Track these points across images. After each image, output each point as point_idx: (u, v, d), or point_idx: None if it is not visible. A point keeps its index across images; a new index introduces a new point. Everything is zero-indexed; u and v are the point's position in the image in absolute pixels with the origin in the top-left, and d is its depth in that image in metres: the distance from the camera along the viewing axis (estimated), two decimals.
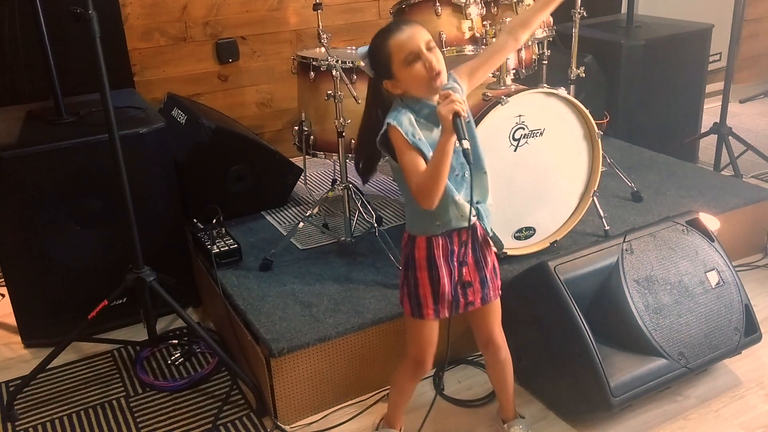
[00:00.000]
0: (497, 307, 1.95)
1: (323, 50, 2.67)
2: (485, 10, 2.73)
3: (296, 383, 2.23)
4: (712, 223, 2.51)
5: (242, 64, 3.83)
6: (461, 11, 2.66)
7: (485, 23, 2.67)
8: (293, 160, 3.26)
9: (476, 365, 2.45)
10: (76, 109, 2.74)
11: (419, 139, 1.68)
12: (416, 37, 1.68)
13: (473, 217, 1.79)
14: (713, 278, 2.31)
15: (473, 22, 2.68)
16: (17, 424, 2.30)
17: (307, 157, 2.85)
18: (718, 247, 2.37)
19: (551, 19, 2.88)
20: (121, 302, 2.50)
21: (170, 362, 2.57)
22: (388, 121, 1.71)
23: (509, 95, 2.40)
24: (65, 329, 2.47)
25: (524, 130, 2.47)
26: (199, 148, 2.97)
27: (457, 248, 1.82)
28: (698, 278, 2.29)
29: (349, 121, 2.57)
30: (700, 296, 2.26)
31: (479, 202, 1.82)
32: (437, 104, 1.65)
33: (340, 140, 2.61)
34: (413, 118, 1.71)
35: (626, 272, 2.22)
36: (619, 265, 2.23)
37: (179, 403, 2.37)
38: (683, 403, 2.27)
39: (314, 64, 2.67)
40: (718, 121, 3.68)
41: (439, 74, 1.68)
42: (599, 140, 2.60)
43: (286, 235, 2.83)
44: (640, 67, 3.67)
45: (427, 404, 2.29)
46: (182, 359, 2.58)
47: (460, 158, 1.74)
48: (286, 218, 3.15)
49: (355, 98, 2.54)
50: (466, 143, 1.57)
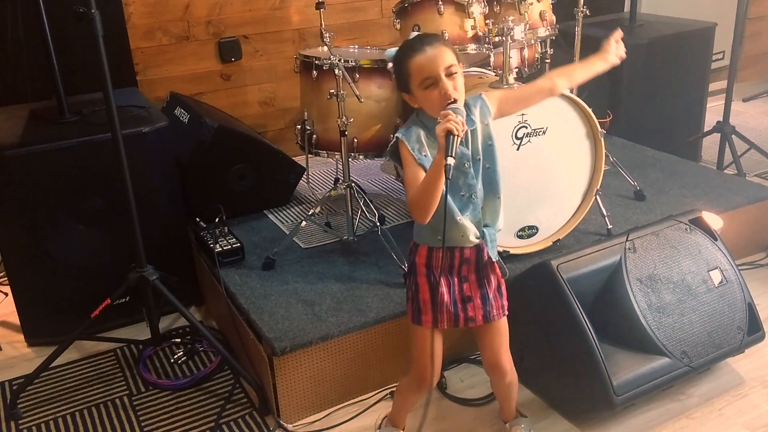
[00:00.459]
0: (503, 328, 1.92)
1: (326, 49, 2.67)
2: (488, 8, 2.73)
3: (299, 382, 2.24)
4: (715, 221, 2.51)
5: (245, 63, 3.83)
6: (464, 10, 2.66)
7: (488, 22, 2.67)
8: (296, 159, 3.26)
9: (478, 364, 2.45)
10: (78, 108, 2.74)
11: (424, 155, 1.71)
12: (437, 61, 1.67)
13: (478, 239, 1.80)
14: (716, 277, 2.30)
15: (476, 20, 2.68)
16: (20, 422, 2.31)
17: (309, 156, 2.85)
18: (721, 245, 2.37)
19: (554, 17, 2.89)
20: (124, 301, 2.51)
21: (173, 361, 2.57)
22: (397, 135, 1.75)
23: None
24: (68, 328, 2.47)
25: (527, 128, 2.47)
26: (201, 147, 2.97)
27: (458, 263, 1.82)
28: (701, 277, 2.29)
29: (351, 120, 2.57)
30: (703, 295, 2.26)
31: (487, 225, 1.83)
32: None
33: (342, 139, 2.61)
34: (423, 134, 1.73)
35: (629, 271, 2.22)
36: (621, 263, 2.23)
37: (182, 401, 2.37)
38: (686, 401, 2.26)
39: (317, 63, 2.66)
40: (721, 119, 3.68)
41: (454, 102, 1.67)
42: (602, 139, 2.60)
43: (288, 233, 2.83)
44: (643, 65, 3.66)
45: (430, 403, 2.29)
46: (185, 358, 2.58)
47: (468, 179, 1.76)
48: (288, 217, 3.16)
49: (357, 97, 2.54)
50: (450, 160, 1.57)
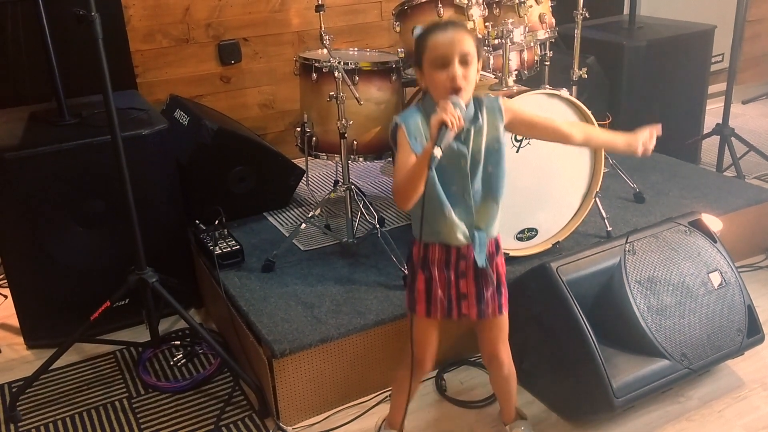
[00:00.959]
0: (502, 323, 1.93)
1: (325, 52, 2.67)
2: (487, 11, 2.73)
3: (298, 384, 2.24)
4: (714, 224, 2.51)
5: (244, 65, 3.83)
6: (463, 12, 2.66)
7: (487, 24, 2.68)
8: (295, 161, 3.26)
9: (478, 366, 2.45)
10: (78, 110, 2.75)
11: (420, 143, 1.70)
12: (455, 45, 1.66)
13: (466, 239, 1.79)
14: (716, 279, 2.30)
15: (475, 23, 2.68)
16: (20, 425, 2.30)
17: (309, 158, 2.85)
18: (720, 248, 2.37)
19: (553, 20, 2.89)
20: (123, 303, 2.50)
21: (173, 363, 2.57)
22: (396, 119, 1.74)
23: (511, 96, 2.40)
24: (68, 330, 2.47)
25: None
26: (201, 149, 2.98)
27: (454, 259, 1.81)
28: (701, 279, 2.29)
29: (351, 122, 2.57)
30: (702, 297, 2.26)
31: (480, 228, 1.80)
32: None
33: (342, 141, 2.61)
34: (422, 121, 1.72)
35: (629, 273, 2.22)
36: (621, 266, 2.23)
37: (182, 404, 2.37)
38: (686, 404, 2.26)
39: (316, 65, 2.67)
40: (720, 122, 3.68)
41: (458, 90, 1.66)
42: None
43: (288, 236, 2.83)
44: (642, 68, 3.67)
45: (429, 405, 2.30)
46: (185, 360, 2.58)
47: (462, 177, 1.75)
48: (288, 219, 3.16)
49: (357, 99, 2.54)
50: (437, 151, 1.56)
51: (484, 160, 1.77)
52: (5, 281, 2.74)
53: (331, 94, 2.55)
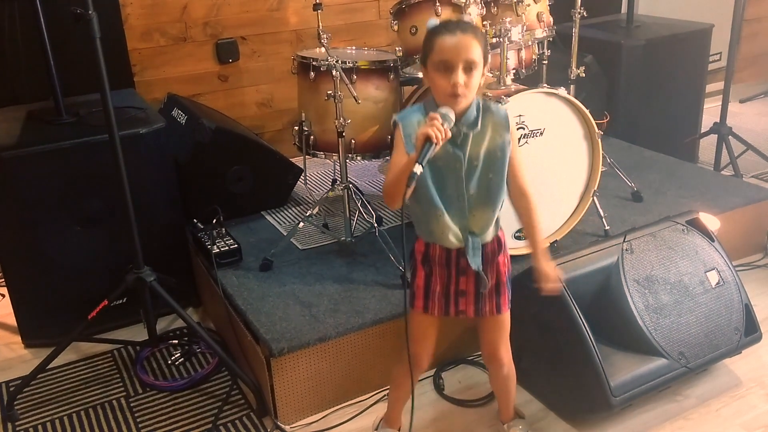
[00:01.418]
0: (503, 323, 1.92)
1: (323, 50, 2.67)
2: (485, 10, 2.73)
3: (296, 383, 2.23)
4: (712, 222, 2.51)
5: (242, 64, 3.83)
6: (461, 11, 2.66)
7: (485, 23, 2.67)
8: (293, 160, 3.26)
9: (477, 365, 2.45)
10: (76, 109, 2.74)
11: (414, 144, 1.68)
12: (460, 51, 1.64)
13: (459, 242, 1.78)
14: (713, 278, 2.31)
15: (473, 21, 2.68)
16: (17, 424, 2.30)
17: (307, 157, 2.85)
18: (718, 246, 2.37)
19: (551, 19, 2.89)
20: (121, 302, 2.50)
21: (170, 362, 2.57)
22: (394, 117, 1.75)
23: (509, 95, 2.40)
24: (65, 329, 2.47)
25: (524, 130, 2.47)
26: (199, 148, 2.97)
27: (455, 256, 1.81)
28: (698, 278, 2.29)
29: (349, 121, 2.57)
30: (700, 296, 2.26)
31: (473, 233, 1.80)
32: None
33: (340, 140, 2.61)
34: (421, 120, 1.71)
35: (626, 272, 2.22)
36: (619, 264, 2.23)
37: (179, 403, 2.37)
38: (683, 402, 2.26)
39: (314, 64, 2.66)
40: (718, 120, 3.68)
41: (456, 96, 1.66)
42: (599, 140, 2.60)
43: (286, 235, 2.83)
44: (640, 67, 3.67)
45: (428, 404, 2.30)
46: (182, 359, 2.58)
47: (457, 181, 1.74)
48: (286, 218, 3.16)
49: (355, 98, 2.54)
50: (418, 168, 1.56)
51: (483, 165, 1.75)
52: (2, 280, 2.74)
53: (329, 92, 2.54)
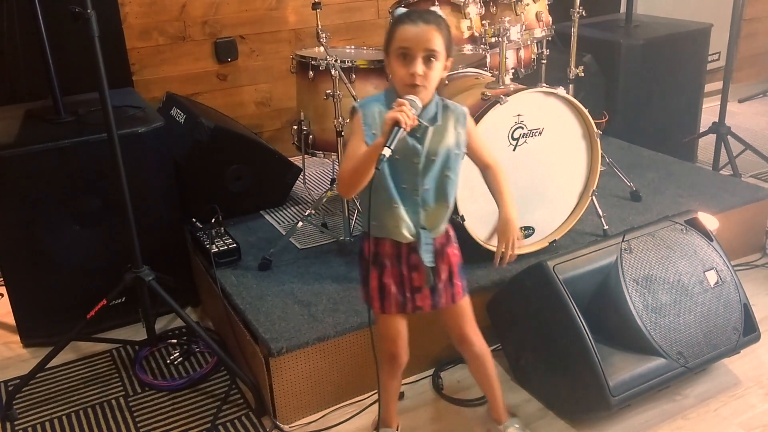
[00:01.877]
0: (464, 307, 1.92)
1: (322, 49, 2.67)
2: (484, 9, 2.73)
3: (295, 383, 2.23)
4: (710, 222, 2.51)
5: (241, 63, 3.82)
6: (460, 11, 2.66)
7: (484, 23, 2.68)
8: (292, 159, 3.26)
9: None
10: (74, 108, 2.74)
11: (374, 133, 1.68)
12: (421, 39, 1.64)
13: (412, 236, 1.78)
14: (712, 278, 2.31)
15: (472, 21, 2.68)
16: (16, 423, 2.30)
17: (306, 156, 2.85)
18: (716, 246, 2.37)
19: (550, 18, 2.89)
20: (119, 302, 2.50)
21: (169, 362, 2.57)
22: (355, 104, 1.74)
23: (508, 95, 2.40)
24: (64, 329, 2.46)
25: (523, 129, 2.47)
26: (197, 147, 2.97)
27: (405, 252, 1.80)
28: (697, 278, 2.29)
29: (347, 120, 2.57)
30: (698, 296, 2.26)
31: (425, 228, 1.79)
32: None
33: (339, 139, 2.61)
34: (381, 110, 1.70)
35: (625, 272, 2.22)
36: (617, 264, 2.24)
37: (178, 402, 2.37)
38: (682, 402, 2.27)
39: (313, 63, 2.66)
40: (716, 120, 3.68)
41: (415, 86, 1.65)
42: (598, 140, 2.60)
43: (285, 234, 2.83)
44: (639, 66, 3.67)
45: (426, 403, 2.30)
46: (181, 359, 2.57)
47: (414, 175, 1.73)
48: (285, 217, 3.15)
49: (354, 98, 2.54)
50: (387, 151, 1.55)
51: (441, 162, 1.75)
52: (1, 279, 2.74)
53: (327, 92, 2.54)
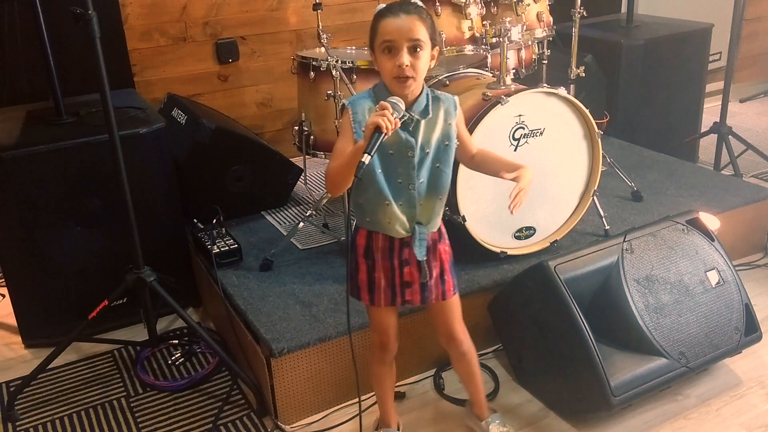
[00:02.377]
0: (453, 305, 1.92)
1: (323, 50, 2.67)
2: (485, 9, 2.73)
3: (297, 383, 2.23)
4: (712, 222, 2.51)
5: (242, 64, 3.83)
6: (461, 11, 2.66)
7: (485, 23, 2.68)
8: (293, 160, 3.26)
9: None
10: (76, 109, 2.74)
11: (363, 131, 1.66)
12: (404, 30, 1.63)
13: (406, 232, 1.78)
14: (713, 278, 2.31)
15: (473, 21, 2.68)
16: (18, 424, 2.30)
17: (307, 157, 2.85)
18: (718, 246, 2.37)
19: (551, 18, 2.89)
20: (121, 302, 2.50)
21: (171, 362, 2.57)
22: (345, 101, 1.74)
23: (509, 95, 2.40)
24: (65, 329, 2.47)
25: (524, 129, 2.47)
26: (199, 148, 2.97)
27: (398, 247, 1.80)
28: (698, 278, 2.29)
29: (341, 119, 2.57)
30: (700, 296, 2.26)
31: (420, 222, 1.79)
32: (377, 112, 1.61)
33: None
34: (371, 107, 1.70)
35: (626, 272, 2.22)
36: (619, 264, 2.23)
37: (180, 403, 2.37)
38: (683, 402, 2.26)
39: (314, 64, 2.67)
40: (718, 120, 3.68)
41: (405, 79, 1.65)
42: (599, 140, 2.60)
43: (286, 235, 2.83)
44: (640, 66, 3.67)
45: (427, 404, 2.30)
46: (183, 359, 2.57)
47: (408, 169, 1.73)
48: (286, 218, 3.16)
49: None
50: (366, 158, 1.54)
51: (434, 154, 1.75)
52: (3, 280, 2.74)
53: (328, 92, 2.55)
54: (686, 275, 2.28)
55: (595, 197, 2.71)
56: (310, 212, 2.79)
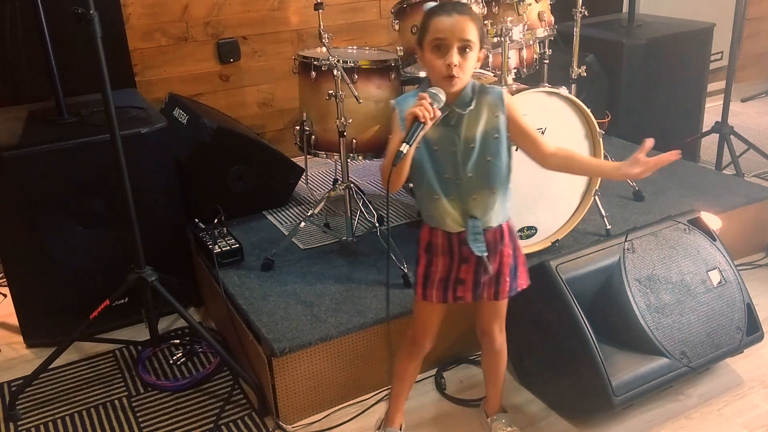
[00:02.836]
0: (501, 306, 1.94)
1: (324, 50, 2.67)
2: (486, 9, 2.73)
3: (298, 383, 2.24)
4: (713, 222, 2.51)
5: (243, 63, 3.83)
6: None
7: (486, 22, 2.67)
8: (294, 159, 3.26)
9: (478, 365, 2.44)
10: (77, 109, 2.75)
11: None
12: (456, 30, 1.64)
13: (460, 227, 1.78)
14: (715, 277, 2.31)
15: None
16: (19, 423, 2.30)
17: (308, 156, 2.85)
18: (719, 246, 2.37)
19: (552, 18, 2.89)
20: (122, 302, 2.51)
21: (172, 362, 2.57)
22: (392, 102, 1.76)
23: (511, 94, 2.39)
24: (67, 329, 2.47)
25: None
26: (200, 147, 2.97)
27: (456, 244, 1.80)
28: (700, 277, 2.29)
29: (350, 120, 2.57)
30: (701, 295, 2.26)
31: (474, 217, 1.78)
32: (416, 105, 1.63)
33: (341, 140, 2.61)
34: None
35: (628, 271, 2.22)
36: (620, 264, 2.23)
37: (181, 402, 2.37)
38: (685, 402, 2.26)
39: (315, 63, 2.66)
40: (719, 120, 3.68)
41: (451, 78, 1.66)
42: (601, 139, 2.60)
43: (287, 234, 2.83)
44: (641, 66, 3.67)
45: (429, 404, 2.30)
46: (184, 359, 2.58)
47: (454, 164, 1.73)
48: (287, 218, 3.16)
49: (356, 98, 2.54)
50: (404, 147, 1.57)
51: (480, 148, 1.74)
52: (4, 280, 2.74)
53: (330, 92, 2.54)
54: (688, 275, 2.27)
55: (596, 197, 2.71)
56: (311, 212, 2.79)
